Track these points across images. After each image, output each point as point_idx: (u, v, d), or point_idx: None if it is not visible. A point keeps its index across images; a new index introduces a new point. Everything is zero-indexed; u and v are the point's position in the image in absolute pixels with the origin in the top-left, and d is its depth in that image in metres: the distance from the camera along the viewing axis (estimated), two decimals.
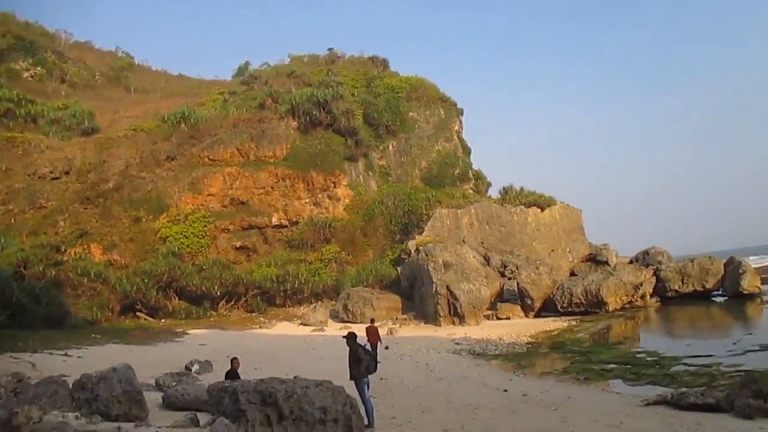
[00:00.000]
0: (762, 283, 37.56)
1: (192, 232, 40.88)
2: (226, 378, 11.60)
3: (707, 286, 38.37)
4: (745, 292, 35.90)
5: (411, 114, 52.76)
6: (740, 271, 37.01)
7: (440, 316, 33.52)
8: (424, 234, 40.45)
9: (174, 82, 70.70)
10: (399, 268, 39.76)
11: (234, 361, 12.89)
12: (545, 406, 12.88)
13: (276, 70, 63.16)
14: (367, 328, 22.02)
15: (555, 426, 11.02)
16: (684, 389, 13.90)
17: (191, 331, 29.25)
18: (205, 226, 41.53)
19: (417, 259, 37.35)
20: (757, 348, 19.64)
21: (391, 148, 51.13)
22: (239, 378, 11.42)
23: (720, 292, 38.43)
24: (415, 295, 37.35)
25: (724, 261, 38.71)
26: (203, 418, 9.01)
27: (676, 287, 38.68)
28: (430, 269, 34.75)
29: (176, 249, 38.94)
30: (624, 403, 13.64)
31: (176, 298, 36.27)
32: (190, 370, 17.45)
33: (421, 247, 37.86)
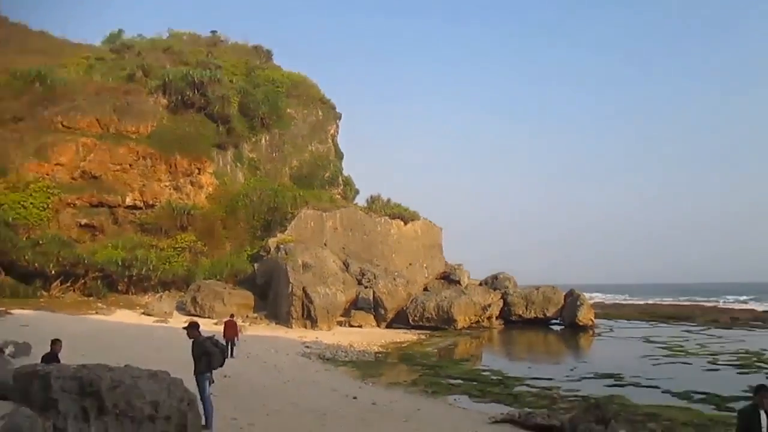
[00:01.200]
0: (595, 317, 40.61)
1: (32, 203, 36.74)
2: (42, 361, 10.13)
3: (548, 314, 40.88)
4: (581, 323, 38.63)
5: (288, 110, 51.62)
6: (578, 303, 39.81)
7: (293, 317, 32.76)
8: (286, 233, 39.51)
9: (34, 38, 64.31)
10: (256, 265, 38.49)
11: (55, 343, 11.17)
12: (396, 417, 12.60)
13: (152, 44, 58.91)
14: (225, 321, 21.92)
15: None
16: (529, 410, 14.26)
17: (15, 311, 26.21)
18: (48, 197, 37.47)
19: (276, 258, 36.37)
20: (592, 375, 20.90)
21: (263, 141, 49.64)
22: (58, 362, 10.02)
23: (558, 321, 41.04)
24: (270, 294, 36.30)
25: (565, 293, 41.45)
26: (6, 407, 7.70)
27: (520, 312, 40.87)
28: (288, 269, 33.92)
29: (10, 219, 34.94)
30: (471, 419, 13.71)
31: (2, 274, 32.62)
32: (3, 351, 15.44)
33: (281, 246, 36.94)
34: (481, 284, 44.52)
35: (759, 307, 65.44)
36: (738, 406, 15.93)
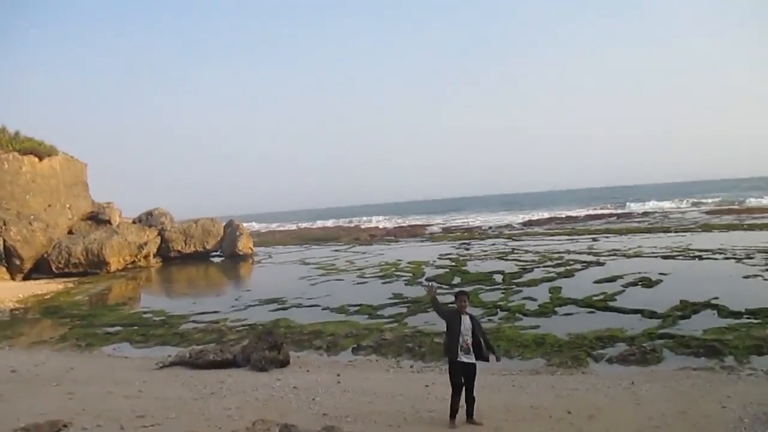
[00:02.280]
0: (254, 245, 41.83)
1: None
2: None
3: (208, 247, 40.60)
4: (241, 253, 39.37)
5: None
6: (237, 233, 40.38)
7: None
8: None
9: None
10: None
11: None
12: (44, 383, 10.87)
13: None
14: None
15: (59, 406, 9.21)
16: (199, 347, 13.81)
17: None
18: None
19: None
20: (257, 303, 21.31)
21: None
22: None
23: (219, 253, 41.17)
24: None
25: (224, 224, 41.64)
26: None
27: (179, 248, 39.75)
28: None
29: None
30: (136, 367, 12.63)
31: None
32: None
33: None
34: (135, 222, 41.83)
35: (388, 224, 75.65)
36: (386, 312, 18.31)
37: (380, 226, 70.99)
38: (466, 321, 7.74)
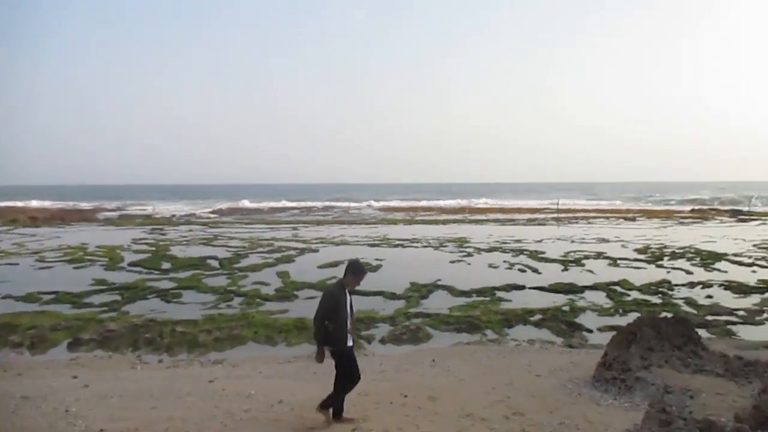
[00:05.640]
0: None
1: None
2: None
3: None
4: None
5: None
6: None
7: None
8: None
9: None
10: None
11: None
12: None
13: None
14: None
15: None
16: None
17: None
18: None
19: None
20: None
21: None
22: None
23: None
24: None
25: None
26: None
27: None
28: None
29: None
30: None
31: None
32: None
33: None
34: None
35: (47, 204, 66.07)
36: (94, 300, 15.02)
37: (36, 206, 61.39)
38: (349, 299, 6.17)
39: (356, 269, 6.15)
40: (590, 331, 12.07)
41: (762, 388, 6.71)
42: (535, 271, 19.62)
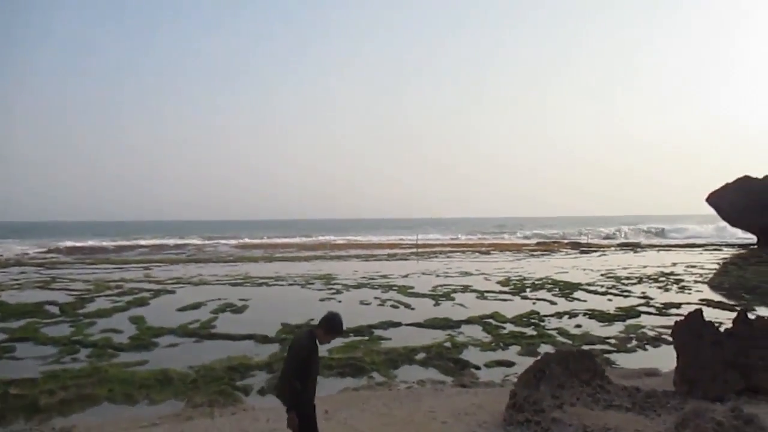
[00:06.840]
0: None
1: None
2: None
3: None
4: None
5: None
6: None
7: None
8: None
9: None
10: None
11: None
12: None
13: None
14: None
15: None
16: None
17: None
18: None
19: None
20: None
21: None
22: None
23: None
24: None
25: None
26: None
27: None
28: None
29: None
30: None
31: None
32: None
33: None
34: None
35: None
36: None
37: None
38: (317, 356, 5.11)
39: (331, 326, 5.10)
40: (478, 368, 11.69)
41: (677, 422, 6.55)
42: (407, 306, 19.25)
